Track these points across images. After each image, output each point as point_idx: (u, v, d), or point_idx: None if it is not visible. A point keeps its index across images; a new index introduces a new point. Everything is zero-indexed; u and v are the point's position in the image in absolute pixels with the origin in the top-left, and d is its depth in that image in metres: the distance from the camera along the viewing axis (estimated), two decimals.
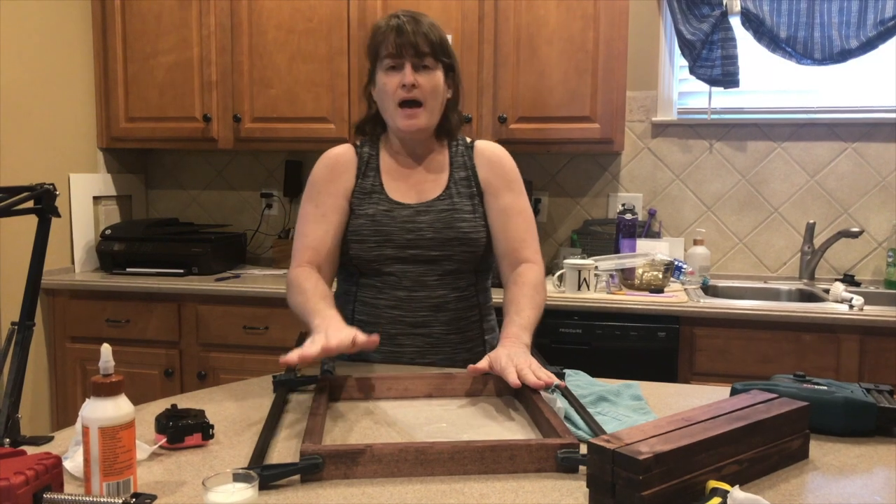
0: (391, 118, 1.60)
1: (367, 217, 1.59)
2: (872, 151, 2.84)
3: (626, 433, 0.97)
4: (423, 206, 1.60)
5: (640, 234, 2.87)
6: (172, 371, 2.74)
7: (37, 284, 1.24)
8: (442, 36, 1.59)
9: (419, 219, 1.59)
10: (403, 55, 1.54)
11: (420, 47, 1.54)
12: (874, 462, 1.11)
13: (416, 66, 1.55)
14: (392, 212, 1.59)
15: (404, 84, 1.54)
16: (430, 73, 1.57)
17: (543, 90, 2.70)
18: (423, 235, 1.57)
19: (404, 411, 1.30)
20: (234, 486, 0.87)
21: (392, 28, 1.55)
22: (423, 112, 1.57)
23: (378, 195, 1.62)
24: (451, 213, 1.60)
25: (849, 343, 2.28)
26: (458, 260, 1.59)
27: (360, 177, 1.65)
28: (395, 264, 1.58)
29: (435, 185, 1.64)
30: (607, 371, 1.66)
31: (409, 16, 1.56)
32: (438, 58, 1.57)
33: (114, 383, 0.94)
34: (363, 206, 1.61)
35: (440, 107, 1.61)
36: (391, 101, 1.57)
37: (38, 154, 2.80)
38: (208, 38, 2.91)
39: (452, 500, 0.96)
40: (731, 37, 2.80)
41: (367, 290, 1.62)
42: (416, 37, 1.53)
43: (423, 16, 1.58)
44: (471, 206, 1.62)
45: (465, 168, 1.66)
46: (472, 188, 1.64)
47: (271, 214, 3.33)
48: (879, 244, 2.86)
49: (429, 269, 1.58)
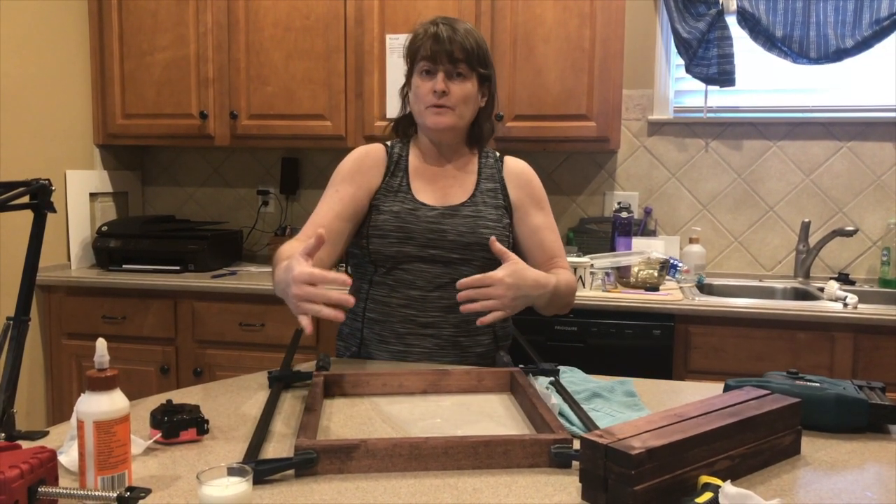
0: (421, 118, 1.63)
1: (392, 213, 1.61)
2: (867, 151, 2.85)
3: (618, 428, 0.98)
4: (448, 210, 1.62)
5: (636, 233, 2.88)
6: (168, 368, 2.74)
7: (32, 279, 1.24)
8: (479, 43, 1.61)
9: (443, 221, 1.61)
10: (438, 62, 1.58)
11: (454, 55, 1.57)
12: (865, 458, 1.11)
13: (449, 74, 1.59)
14: (417, 211, 1.61)
15: (435, 90, 1.58)
16: (463, 82, 1.60)
17: (540, 88, 2.71)
18: (445, 237, 1.59)
19: (399, 407, 1.31)
20: (228, 480, 0.87)
21: (430, 35, 1.59)
22: (452, 113, 1.60)
23: (404, 194, 1.64)
24: (475, 219, 1.62)
25: (843, 341, 2.29)
26: (478, 266, 1.61)
27: (387, 175, 1.66)
28: (413, 262, 1.60)
29: (461, 191, 1.66)
30: (602, 368, 1.67)
31: (448, 23, 1.60)
32: (473, 67, 1.60)
33: (108, 378, 0.94)
34: (388, 202, 1.63)
35: (471, 113, 1.65)
36: (422, 103, 1.61)
37: (35, 150, 2.79)
38: (205, 35, 2.91)
39: (446, 495, 0.97)
40: (728, 35, 2.81)
41: (379, 288, 1.63)
42: (452, 45, 1.57)
43: (460, 22, 1.62)
44: (496, 216, 1.65)
45: (494, 181, 1.69)
46: (499, 200, 1.67)
47: (268, 211, 3.33)
48: (874, 243, 2.87)
49: (445, 272, 1.60)
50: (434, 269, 1.60)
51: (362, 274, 1.68)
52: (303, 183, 3.29)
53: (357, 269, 1.70)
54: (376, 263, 1.63)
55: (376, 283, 1.64)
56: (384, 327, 1.62)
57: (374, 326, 1.64)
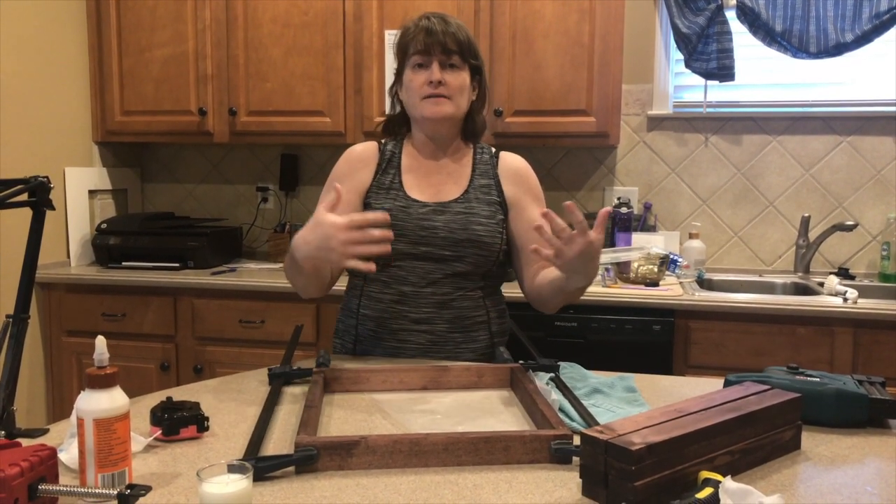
0: (417, 110, 1.62)
1: (383, 211, 1.60)
2: (867, 145, 2.85)
3: (618, 424, 0.98)
4: (440, 206, 1.62)
5: (636, 228, 2.88)
6: (168, 365, 2.74)
7: (31, 277, 1.24)
8: (469, 37, 1.63)
9: (435, 217, 1.60)
10: (431, 53, 1.58)
11: (448, 46, 1.58)
12: (865, 453, 1.11)
13: (443, 65, 1.59)
14: (409, 208, 1.61)
15: (430, 81, 1.58)
16: (457, 72, 1.60)
17: (539, 84, 2.70)
18: (436, 234, 1.59)
19: (399, 403, 1.31)
20: (228, 478, 0.87)
21: (421, 28, 1.59)
22: (450, 102, 1.60)
23: (396, 191, 1.64)
24: (467, 215, 1.61)
25: (843, 336, 2.29)
26: (470, 262, 1.61)
27: (379, 173, 1.67)
28: (405, 259, 1.60)
29: (454, 187, 1.66)
30: (602, 364, 1.67)
31: (439, 17, 1.61)
32: (465, 58, 1.61)
33: (108, 375, 0.94)
34: (380, 200, 1.63)
35: (466, 104, 1.65)
36: (417, 95, 1.61)
37: (34, 148, 2.79)
38: (203, 31, 2.90)
39: (446, 492, 0.97)
40: (727, 30, 2.80)
41: (373, 285, 1.64)
42: (445, 36, 1.57)
43: (451, 17, 1.63)
44: (489, 213, 1.64)
45: (489, 176, 1.68)
46: (492, 196, 1.66)
47: (267, 208, 3.33)
48: (874, 237, 2.86)
49: (437, 268, 1.60)
50: (426, 265, 1.60)
51: (356, 271, 1.67)
52: (302, 179, 3.29)
53: None
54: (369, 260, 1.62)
55: (370, 279, 1.64)
56: (378, 323, 1.63)
57: (368, 323, 1.64)
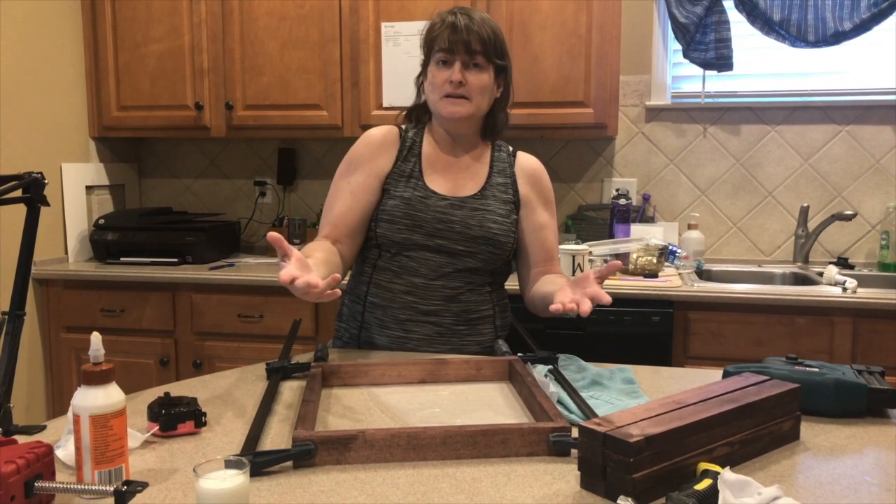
0: (437, 107, 1.63)
1: (403, 200, 1.60)
2: (866, 134, 2.84)
3: (617, 416, 0.97)
4: (458, 201, 1.62)
5: (635, 219, 2.87)
6: (167, 360, 2.74)
7: (27, 273, 1.23)
8: (496, 35, 1.61)
9: (452, 212, 1.60)
10: (455, 52, 1.58)
11: (472, 46, 1.57)
12: (865, 443, 1.11)
13: (466, 64, 1.59)
14: (427, 199, 1.61)
15: (451, 80, 1.57)
16: (480, 72, 1.60)
17: (537, 75, 2.69)
18: (452, 228, 1.59)
19: (397, 397, 1.31)
20: (225, 473, 0.87)
21: (447, 25, 1.58)
22: (469, 103, 1.60)
23: (416, 181, 1.63)
24: (483, 212, 1.62)
25: (842, 326, 2.28)
26: (482, 259, 1.61)
27: (400, 159, 1.66)
28: (419, 250, 1.60)
29: (472, 183, 1.66)
30: (602, 356, 1.67)
31: (465, 13, 1.60)
32: (490, 58, 1.60)
33: (104, 371, 0.94)
34: (399, 188, 1.62)
35: (487, 104, 1.65)
36: (438, 93, 1.61)
37: (30, 144, 2.78)
38: (199, 25, 2.89)
39: (445, 485, 0.97)
40: (725, 20, 2.79)
41: (383, 274, 1.63)
42: (469, 35, 1.57)
43: (477, 12, 1.62)
44: (504, 211, 1.65)
45: (506, 175, 1.69)
46: (508, 195, 1.67)
47: (265, 202, 3.32)
48: (873, 227, 2.86)
49: (449, 262, 1.60)
50: (439, 258, 1.60)
51: (366, 257, 1.67)
52: (300, 173, 3.28)
53: (362, 251, 1.69)
54: (381, 248, 1.63)
55: (380, 267, 1.64)
56: (385, 312, 1.63)
57: (375, 311, 1.64)
